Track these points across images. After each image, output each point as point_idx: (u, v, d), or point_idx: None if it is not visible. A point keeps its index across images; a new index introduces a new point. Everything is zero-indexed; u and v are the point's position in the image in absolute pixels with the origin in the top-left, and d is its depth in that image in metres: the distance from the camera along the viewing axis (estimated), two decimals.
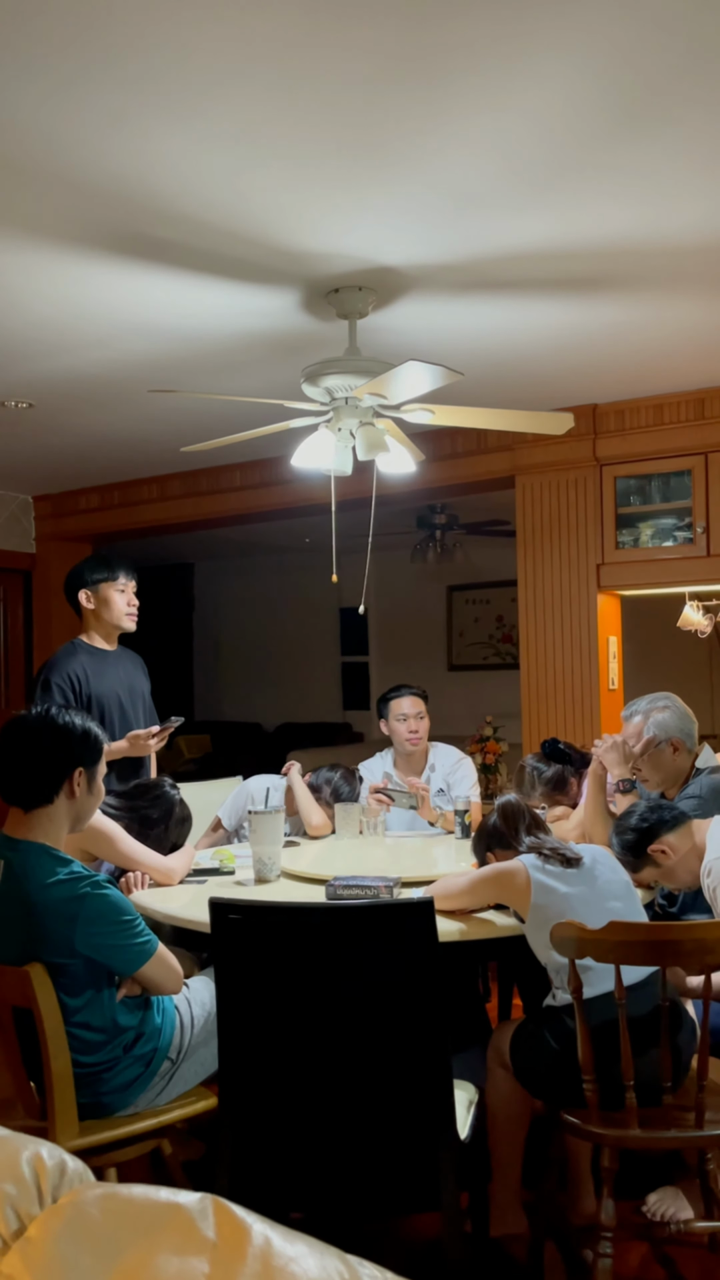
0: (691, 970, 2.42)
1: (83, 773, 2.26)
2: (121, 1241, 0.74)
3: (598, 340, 3.61)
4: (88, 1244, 0.74)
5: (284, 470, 4.98)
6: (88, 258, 2.81)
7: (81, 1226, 0.75)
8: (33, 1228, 0.74)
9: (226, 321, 3.33)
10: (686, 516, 4.37)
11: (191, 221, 2.60)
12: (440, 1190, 1.96)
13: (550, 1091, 2.25)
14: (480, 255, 2.85)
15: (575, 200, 2.52)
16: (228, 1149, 2.05)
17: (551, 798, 3.36)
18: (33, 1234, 0.73)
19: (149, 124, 2.15)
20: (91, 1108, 2.18)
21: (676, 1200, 2.30)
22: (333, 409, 3.04)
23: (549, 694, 4.66)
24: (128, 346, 3.55)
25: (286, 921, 2.01)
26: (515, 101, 2.09)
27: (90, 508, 6.14)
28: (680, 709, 2.99)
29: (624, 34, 1.88)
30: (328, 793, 3.66)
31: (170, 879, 2.81)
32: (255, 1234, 0.72)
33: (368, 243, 2.75)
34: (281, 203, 2.51)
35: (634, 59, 1.96)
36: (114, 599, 3.48)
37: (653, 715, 2.95)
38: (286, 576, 9.71)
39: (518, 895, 2.29)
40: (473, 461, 4.88)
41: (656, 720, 2.94)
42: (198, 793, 3.68)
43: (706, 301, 3.25)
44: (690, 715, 3.01)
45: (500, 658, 8.91)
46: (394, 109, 2.11)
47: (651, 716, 2.95)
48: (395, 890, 2.52)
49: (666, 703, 2.99)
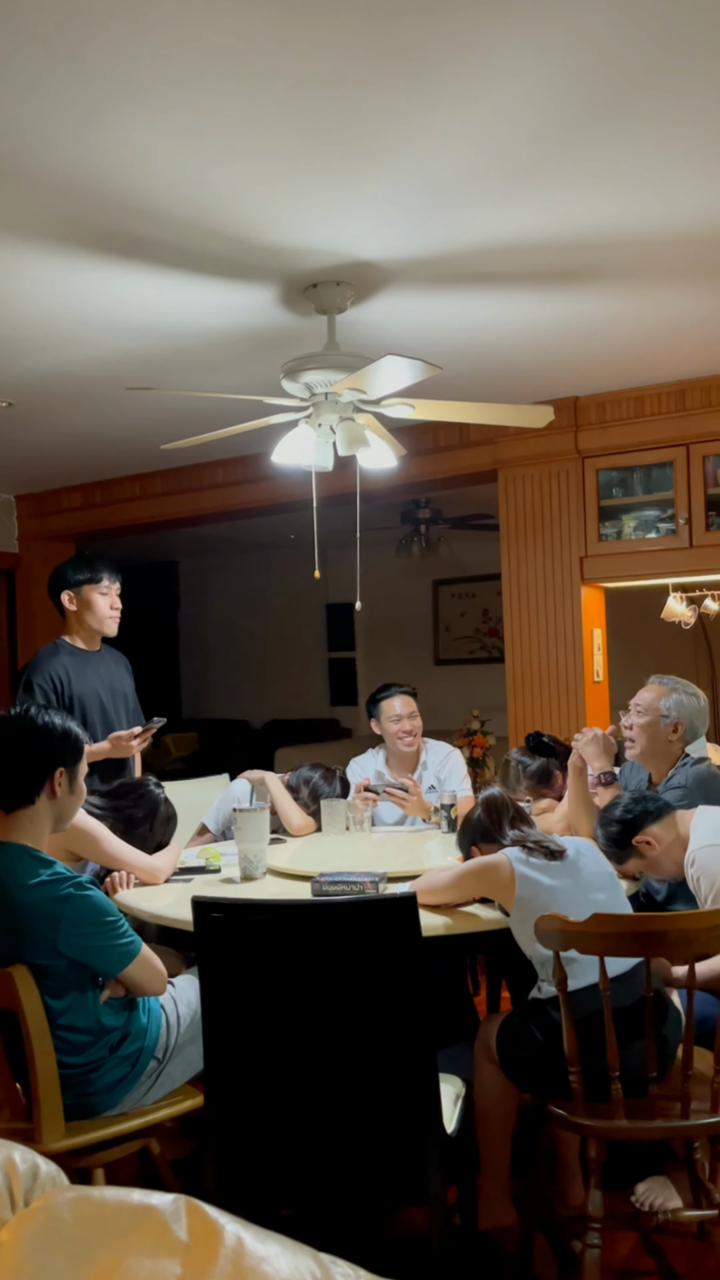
0: (676, 960, 2.43)
1: (64, 773, 2.26)
2: (94, 1244, 0.73)
3: (577, 333, 3.61)
4: (60, 1247, 0.74)
5: (266, 466, 4.96)
6: (64, 255, 2.80)
7: (54, 1230, 0.75)
8: (4, 1232, 0.74)
9: (205, 318, 3.32)
10: (669, 508, 4.37)
11: (168, 218, 2.59)
12: (428, 1185, 1.96)
13: (537, 1084, 2.26)
14: (458, 249, 2.84)
15: (552, 193, 2.52)
16: (215, 1147, 2.05)
17: (536, 791, 3.37)
18: (4, 1238, 0.73)
19: (125, 121, 2.13)
20: (78, 1108, 2.18)
21: (664, 1190, 2.31)
22: (313, 404, 3.03)
23: (534, 687, 4.66)
24: (106, 344, 3.54)
25: (270, 919, 2.00)
26: (490, 95, 2.08)
27: (73, 506, 6.12)
28: (703, 705, 3.01)
29: (598, 26, 1.88)
30: (306, 793, 3.61)
31: (156, 878, 2.80)
32: (228, 1234, 0.72)
33: (345, 237, 2.74)
34: (258, 198, 2.50)
35: (608, 51, 1.95)
36: (96, 601, 3.47)
37: (676, 693, 2.98)
38: (271, 573, 9.70)
39: (502, 888, 2.29)
40: (455, 455, 4.88)
41: (677, 699, 2.96)
42: (186, 791, 3.68)
43: (685, 293, 3.25)
44: (706, 715, 3.02)
45: (486, 651, 8.92)
46: (370, 104, 2.10)
47: (675, 694, 2.97)
48: (381, 885, 2.52)
49: (694, 692, 3.02)
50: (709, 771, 2.90)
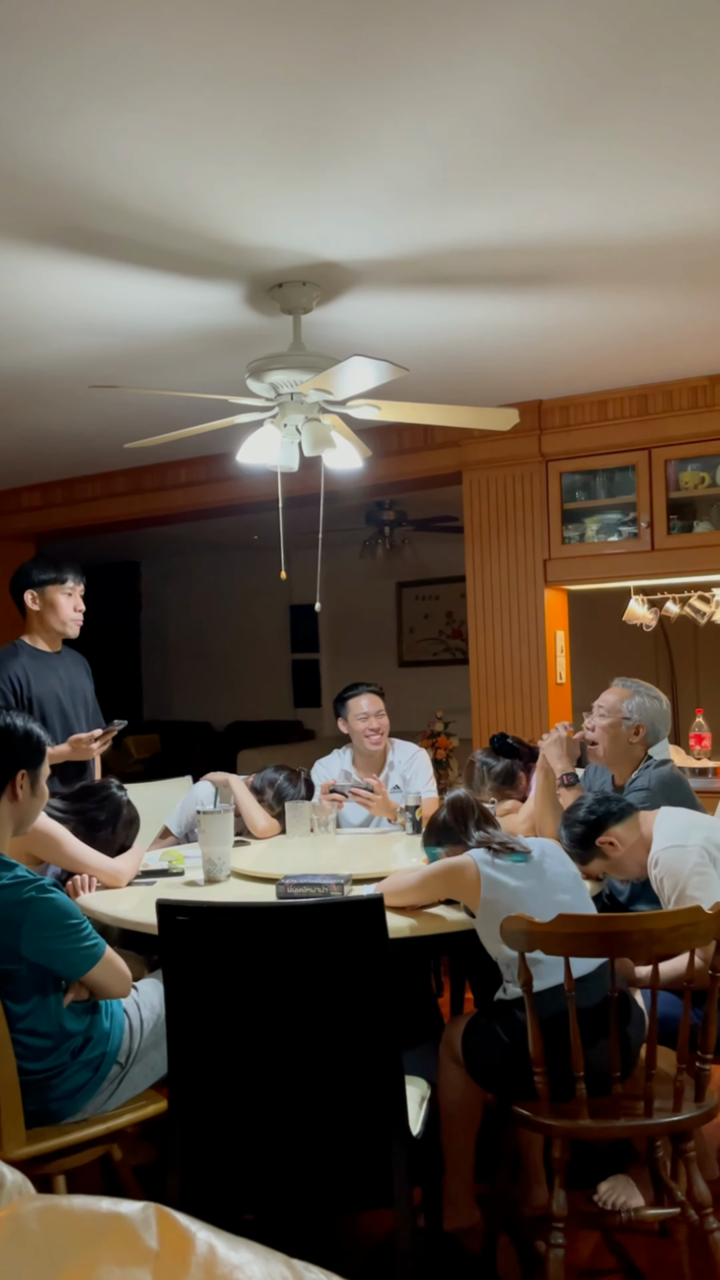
0: (640, 960, 2.45)
1: (25, 775, 2.23)
2: (62, 1254, 0.72)
3: (542, 336, 3.63)
4: (28, 1257, 0.73)
5: (230, 466, 4.94)
6: (25, 251, 2.76)
7: (21, 1240, 0.73)
8: None
9: (169, 316, 3.30)
10: (631, 511, 4.41)
11: (132, 214, 2.57)
12: (393, 1186, 1.96)
13: (502, 1085, 2.26)
14: (424, 250, 2.85)
15: (518, 196, 2.53)
16: (178, 1152, 2.03)
17: (501, 792, 3.38)
18: None
19: (89, 116, 2.11)
20: (39, 1115, 2.15)
21: (627, 1188, 2.33)
22: (278, 405, 3.02)
23: (498, 689, 4.68)
24: (68, 341, 3.50)
25: (235, 922, 1.99)
26: (457, 98, 2.09)
27: (33, 506, 6.05)
28: (665, 709, 3.03)
29: (565, 30, 1.88)
30: (271, 795, 3.59)
31: (118, 881, 2.77)
32: (199, 1242, 0.71)
33: (311, 237, 2.74)
34: (223, 197, 2.49)
35: (573, 55, 1.97)
36: (60, 603, 3.43)
37: (639, 696, 2.99)
38: (235, 574, 9.66)
39: (468, 890, 2.30)
40: (420, 457, 4.89)
41: (640, 701, 2.98)
42: (147, 793, 3.64)
43: (648, 298, 3.29)
44: (668, 719, 3.04)
45: (450, 653, 8.95)
46: (335, 105, 2.10)
47: (637, 697, 2.99)
48: (346, 888, 2.52)
49: (657, 695, 3.04)
50: (671, 773, 2.93)
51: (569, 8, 1.82)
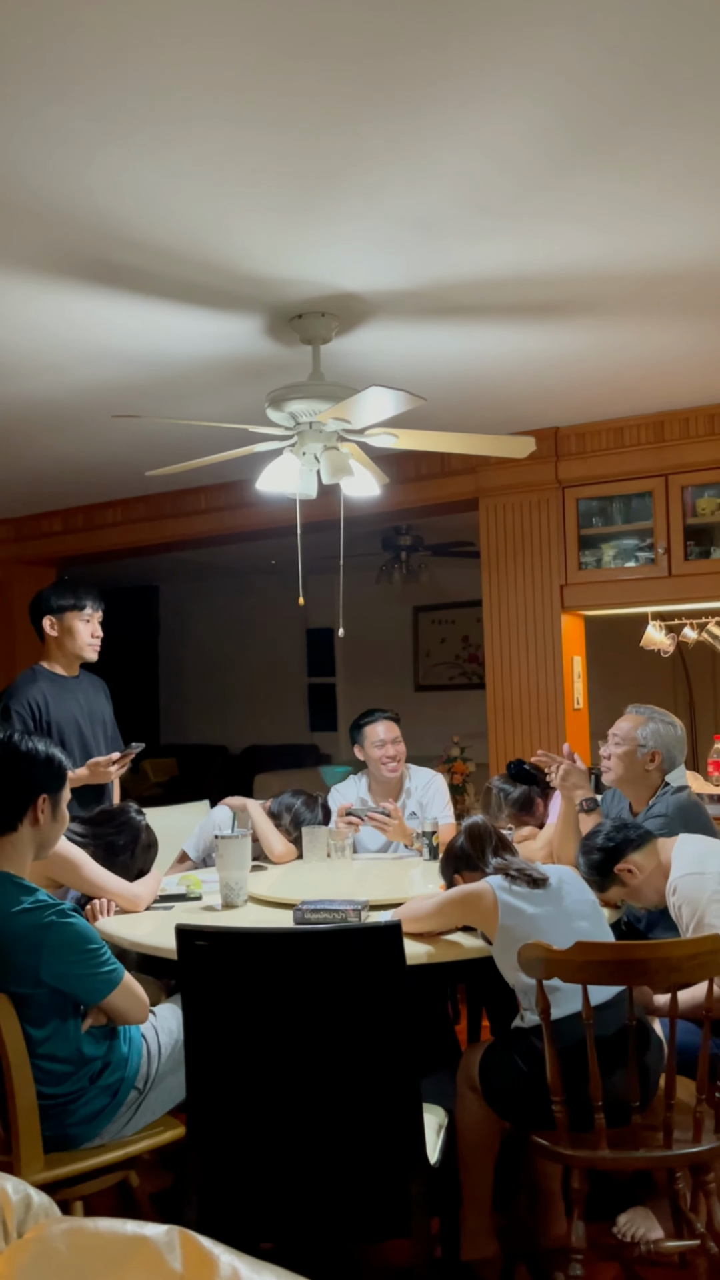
0: (658, 989, 2.43)
1: (47, 799, 2.25)
2: (88, 1276, 0.73)
3: (558, 365, 3.66)
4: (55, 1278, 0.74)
5: (249, 493, 4.98)
6: (50, 284, 2.82)
7: (48, 1261, 0.74)
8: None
9: (190, 347, 3.34)
10: (648, 537, 4.42)
11: (155, 248, 2.62)
12: (411, 1216, 1.95)
13: (520, 1113, 2.25)
14: (442, 282, 2.88)
15: (536, 227, 2.57)
16: (196, 1179, 2.03)
17: (518, 818, 3.38)
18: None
19: (115, 155, 2.16)
20: (57, 1140, 2.15)
21: (646, 1220, 2.31)
22: (297, 433, 3.06)
23: (515, 714, 4.68)
24: (91, 371, 3.55)
25: (253, 947, 2.00)
26: (476, 132, 2.12)
27: (54, 531, 6.11)
28: (680, 734, 3.03)
29: (581, 65, 1.92)
30: (288, 820, 3.58)
31: (136, 905, 2.78)
32: (223, 1265, 0.72)
33: (330, 269, 2.78)
34: (245, 230, 2.53)
35: (592, 90, 2.00)
36: (78, 629, 3.46)
37: (653, 722, 2.99)
38: (252, 598, 9.70)
39: (485, 916, 2.30)
40: (437, 484, 4.92)
41: (654, 728, 2.98)
42: (164, 817, 3.65)
43: (665, 327, 3.31)
44: (684, 744, 3.04)
45: (467, 678, 8.94)
46: (357, 140, 2.14)
47: (651, 723, 2.99)
48: (363, 914, 2.52)
49: (671, 721, 3.04)
50: (690, 800, 2.92)
51: (586, 42, 1.86)
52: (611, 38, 1.84)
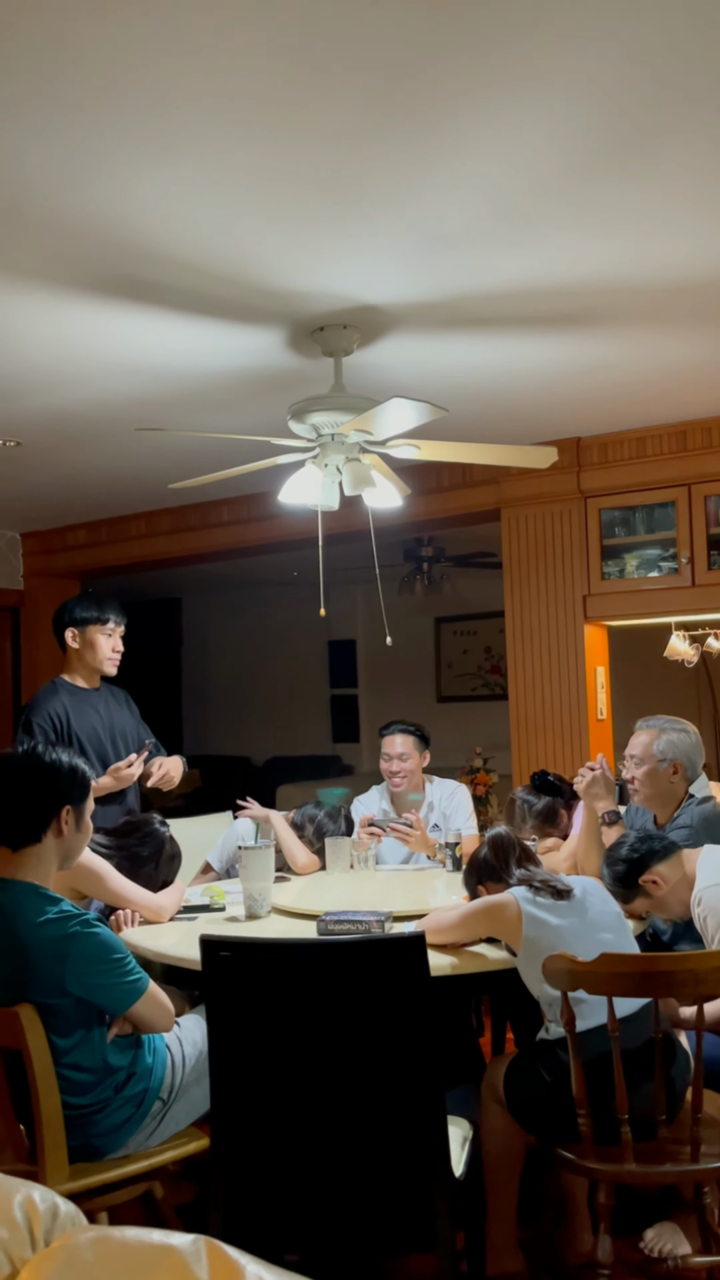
0: (684, 1001, 2.41)
1: (71, 810, 2.26)
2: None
3: (580, 375, 3.66)
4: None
5: (271, 505, 4.99)
6: (74, 299, 2.85)
7: (74, 1270, 0.75)
8: (25, 1272, 0.74)
9: (213, 360, 3.37)
10: (671, 547, 4.40)
11: (178, 263, 2.64)
12: (436, 1230, 1.94)
13: (545, 1126, 2.24)
14: (463, 293, 2.89)
15: (557, 239, 2.57)
16: (220, 1190, 2.03)
17: (542, 830, 3.36)
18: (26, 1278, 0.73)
19: (135, 168, 2.18)
20: (82, 1150, 2.16)
21: (674, 1235, 2.28)
22: (319, 445, 3.07)
23: (538, 725, 4.66)
24: (115, 385, 3.58)
25: (277, 958, 2.00)
26: (496, 144, 2.13)
27: (78, 544, 6.15)
28: (695, 739, 3.01)
29: (600, 76, 1.93)
30: (311, 830, 3.59)
31: (160, 916, 2.79)
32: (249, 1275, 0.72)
33: (352, 282, 2.79)
34: (266, 244, 2.55)
35: (611, 101, 2.01)
36: (99, 642, 3.48)
37: (666, 734, 2.97)
38: (274, 610, 9.72)
39: (509, 928, 2.29)
40: (458, 495, 4.92)
41: (669, 739, 2.96)
42: (187, 828, 3.67)
43: (686, 337, 3.30)
44: (701, 748, 3.02)
45: (489, 689, 8.92)
46: (377, 153, 2.15)
47: (665, 735, 2.97)
48: (387, 925, 2.52)
49: (683, 727, 3.01)
50: (714, 810, 2.90)
51: (605, 55, 1.86)
52: (630, 51, 1.85)
